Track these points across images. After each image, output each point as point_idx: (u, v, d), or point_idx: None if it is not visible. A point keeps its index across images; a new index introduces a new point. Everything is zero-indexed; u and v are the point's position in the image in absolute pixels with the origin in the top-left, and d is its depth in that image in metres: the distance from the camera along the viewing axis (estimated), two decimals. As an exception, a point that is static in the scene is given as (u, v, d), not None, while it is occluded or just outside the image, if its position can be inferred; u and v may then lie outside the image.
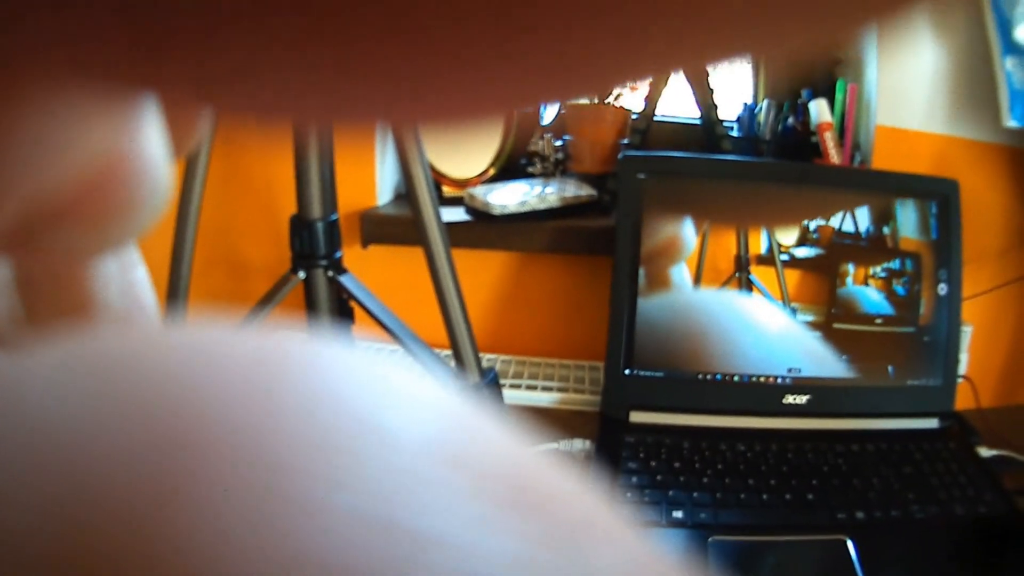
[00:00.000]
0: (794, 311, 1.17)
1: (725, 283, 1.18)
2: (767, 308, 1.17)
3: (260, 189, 1.37)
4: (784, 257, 1.17)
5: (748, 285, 1.17)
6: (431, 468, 0.12)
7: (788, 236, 1.18)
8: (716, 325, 1.17)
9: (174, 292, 1.00)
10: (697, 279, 1.18)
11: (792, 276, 1.18)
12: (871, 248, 1.18)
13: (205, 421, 0.11)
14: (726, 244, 1.17)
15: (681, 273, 1.17)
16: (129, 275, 0.23)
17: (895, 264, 1.18)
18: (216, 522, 0.10)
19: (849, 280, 1.18)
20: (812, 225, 1.18)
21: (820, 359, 1.16)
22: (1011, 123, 1.19)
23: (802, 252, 1.18)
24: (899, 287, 1.18)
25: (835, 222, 1.18)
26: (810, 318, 1.17)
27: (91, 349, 0.13)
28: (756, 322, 1.17)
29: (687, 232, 1.17)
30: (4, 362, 0.13)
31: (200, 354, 0.13)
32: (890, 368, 1.17)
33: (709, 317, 1.17)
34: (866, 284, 1.18)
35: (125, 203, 0.18)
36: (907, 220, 1.18)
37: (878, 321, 1.17)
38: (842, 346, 1.17)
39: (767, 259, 1.18)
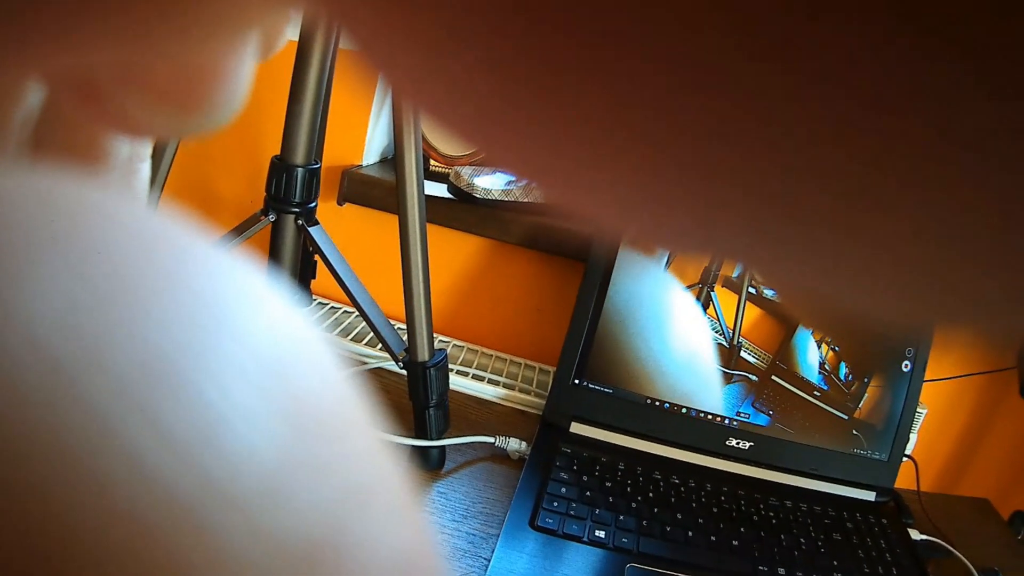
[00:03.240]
0: (740, 345, 1.16)
1: (686, 288, 1.16)
2: (724, 347, 1.16)
3: (246, 124, 1.34)
4: (751, 290, 1.16)
5: (707, 300, 1.16)
6: (243, 359, 0.12)
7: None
8: (675, 354, 1.15)
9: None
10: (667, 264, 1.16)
11: (751, 311, 1.16)
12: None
13: (51, 250, 0.12)
14: (699, 253, 1.15)
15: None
16: (134, 165, 0.24)
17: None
18: (27, 319, 0.11)
19: (805, 341, 1.16)
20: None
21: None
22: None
23: (771, 292, 1.16)
24: (845, 370, 1.17)
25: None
26: (752, 360, 1.16)
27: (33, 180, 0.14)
28: (715, 360, 1.15)
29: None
30: None
31: (102, 210, 0.13)
32: (809, 441, 1.16)
33: (669, 344, 1.15)
34: (823, 347, 1.16)
35: (211, 102, 0.17)
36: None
37: (815, 393, 1.16)
38: (772, 400, 1.15)
39: (734, 284, 1.16)
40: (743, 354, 1.16)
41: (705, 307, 1.16)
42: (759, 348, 1.16)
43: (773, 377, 1.16)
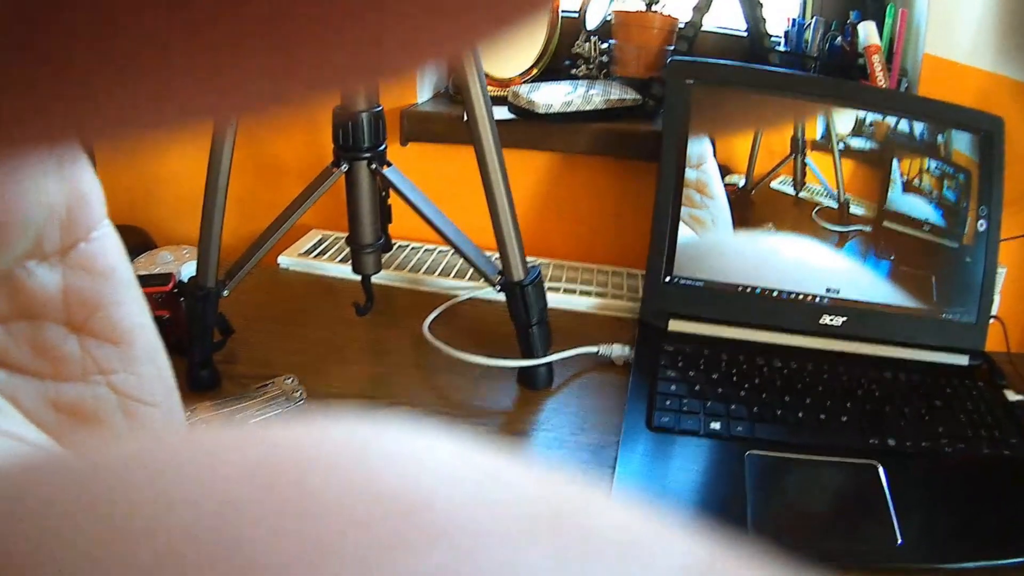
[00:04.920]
0: (848, 201, 1.16)
1: (779, 165, 1.16)
2: (811, 226, 1.16)
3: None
4: (839, 146, 1.16)
5: (803, 169, 1.16)
6: None
7: (844, 124, 1.16)
8: (760, 238, 1.15)
9: (212, 196, 0.96)
10: (750, 166, 1.16)
11: (847, 166, 1.16)
12: (924, 150, 1.17)
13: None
14: (782, 127, 1.16)
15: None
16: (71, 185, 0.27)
17: (949, 168, 1.17)
18: None
19: (901, 181, 1.16)
20: (868, 118, 1.16)
21: (859, 282, 1.15)
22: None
23: (857, 143, 1.16)
24: (949, 191, 1.17)
25: (890, 120, 1.16)
26: (862, 212, 1.16)
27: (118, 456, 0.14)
28: (799, 239, 1.16)
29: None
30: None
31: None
32: (933, 278, 1.16)
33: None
34: (919, 181, 1.16)
35: None
36: (960, 138, 1.17)
37: (926, 228, 1.16)
38: (888, 247, 1.16)
39: (822, 145, 1.16)
40: (852, 209, 1.16)
41: (804, 176, 1.16)
42: (863, 199, 1.16)
43: (884, 223, 1.16)
